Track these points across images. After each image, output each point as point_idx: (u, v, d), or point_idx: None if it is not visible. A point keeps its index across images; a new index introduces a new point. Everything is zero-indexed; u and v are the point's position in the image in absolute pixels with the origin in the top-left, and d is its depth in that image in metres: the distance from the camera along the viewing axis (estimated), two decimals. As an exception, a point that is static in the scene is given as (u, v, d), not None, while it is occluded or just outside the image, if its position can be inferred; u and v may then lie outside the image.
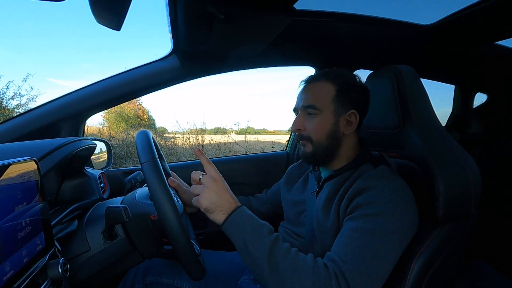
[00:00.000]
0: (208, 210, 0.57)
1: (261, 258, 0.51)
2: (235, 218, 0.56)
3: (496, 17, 0.83)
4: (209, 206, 0.56)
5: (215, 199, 0.57)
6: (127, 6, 0.52)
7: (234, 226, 0.55)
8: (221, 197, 0.57)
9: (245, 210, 0.58)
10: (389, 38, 1.02)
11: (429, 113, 0.71)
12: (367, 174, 0.61)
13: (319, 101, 0.65)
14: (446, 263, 0.63)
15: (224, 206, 0.57)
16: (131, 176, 0.93)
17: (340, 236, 0.56)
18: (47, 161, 0.57)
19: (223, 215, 0.56)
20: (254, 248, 0.52)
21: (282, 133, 8.70)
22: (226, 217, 0.56)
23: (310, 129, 0.67)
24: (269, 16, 0.64)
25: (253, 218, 0.57)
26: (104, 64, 26.90)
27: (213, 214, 0.57)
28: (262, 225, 0.56)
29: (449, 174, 0.60)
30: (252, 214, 0.58)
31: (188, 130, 5.50)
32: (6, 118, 1.72)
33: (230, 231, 0.56)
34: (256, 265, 0.52)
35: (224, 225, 0.56)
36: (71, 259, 0.60)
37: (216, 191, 0.57)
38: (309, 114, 0.67)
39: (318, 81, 0.68)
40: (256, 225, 0.56)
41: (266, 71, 28.24)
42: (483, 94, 1.65)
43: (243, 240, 0.54)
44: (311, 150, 0.67)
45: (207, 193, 0.57)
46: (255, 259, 0.52)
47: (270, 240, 0.53)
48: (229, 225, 0.55)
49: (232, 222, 0.55)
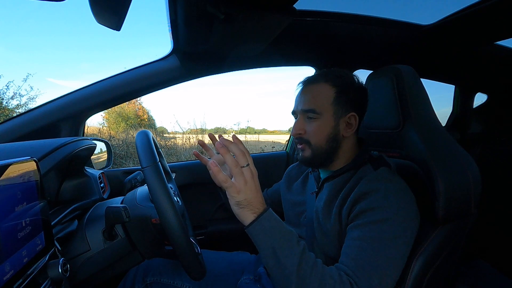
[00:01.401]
0: (239, 204, 0.51)
1: (291, 268, 0.49)
2: (265, 222, 0.51)
3: (496, 17, 0.83)
4: (242, 202, 0.51)
5: (249, 196, 0.51)
6: (127, 6, 0.52)
7: (263, 229, 0.51)
8: (256, 195, 0.52)
9: (273, 214, 0.54)
10: (389, 38, 1.02)
11: (429, 113, 0.70)
12: (368, 176, 0.61)
13: (318, 104, 0.64)
14: (446, 263, 0.63)
15: (256, 205, 0.52)
16: (131, 176, 0.93)
17: (348, 246, 0.55)
18: (47, 161, 0.57)
19: (252, 215, 0.51)
20: (284, 256, 0.50)
21: (282, 133, 8.72)
22: (255, 218, 0.51)
23: (310, 133, 0.66)
24: (269, 16, 0.64)
25: (282, 223, 0.53)
26: (103, 64, 26.91)
27: (242, 210, 0.51)
28: (291, 233, 0.53)
29: (449, 174, 0.60)
30: (279, 218, 0.54)
31: (188, 130, 5.50)
32: (6, 118, 1.72)
33: (257, 234, 0.51)
34: (284, 275, 0.49)
35: (251, 226, 0.51)
36: (71, 259, 0.60)
37: (253, 188, 0.51)
38: (309, 118, 0.66)
39: (317, 83, 0.67)
40: (286, 232, 0.52)
41: (266, 71, 28.25)
42: (483, 94, 1.65)
43: (272, 246, 0.50)
44: (310, 155, 0.66)
45: (246, 186, 0.50)
46: (283, 268, 0.49)
47: (300, 250, 0.51)
48: (258, 228, 0.51)
49: (261, 225, 0.51)
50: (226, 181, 0.50)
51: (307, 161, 0.68)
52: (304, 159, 0.68)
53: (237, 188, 0.50)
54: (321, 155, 0.66)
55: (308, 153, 0.67)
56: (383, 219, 0.54)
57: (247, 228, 0.52)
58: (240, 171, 0.51)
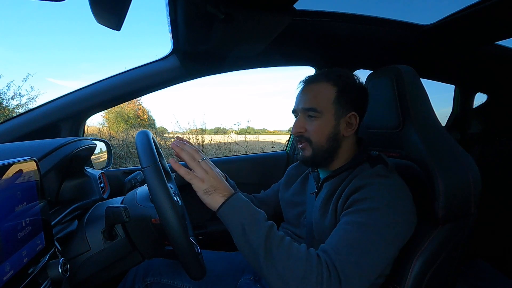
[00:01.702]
0: (207, 191, 0.56)
1: (257, 242, 0.51)
2: (233, 202, 0.55)
3: (496, 17, 0.83)
4: (208, 188, 0.56)
5: (214, 182, 0.56)
6: (127, 6, 0.52)
7: (232, 209, 0.55)
8: (220, 182, 0.57)
9: (242, 196, 0.58)
10: (389, 38, 1.02)
11: (429, 113, 0.71)
12: (364, 173, 0.61)
13: (320, 103, 0.64)
14: (446, 263, 0.63)
15: (223, 190, 0.57)
16: (131, 176, 0.93)
17: (335, 230, 0.57)
18: (47, 161, 0.57)
19: (221, 198, 0.56)
20: (252, 232, 0.52)
21: (282, 133, 8.71)
22: (224, 200, 0.55)
23: (310, 132, 0.66)
24: (269, 16, 0.64)
25: (249, 203, 0.57)
26: (103, 64, 26.91)
27: (211, 196, 0.56)
28: (258, 212, 0.56)
29: (449, 174, 0.60)
30: (248, 200, 0.58)
31: (188, 130, 5.50)
32: (6, 118, 1.72)
33: (227, 215, 0.55)
34: (252, 250, 0.52)
35: (221, 208, 0.55)
36: (71, 259, 0.60)
37: (215, 176, 0.57)
38: (310, 116, 0.66)
39: (318, 82, 0.67)
40: (253, 210, 0.56)
41: (266, 71, 28.28)
42: (483, 94, 1.65)
43: (241, 224, 0.53)
44: (311, 154, 0.67)
45: (208, 175, 0.56)
46: (251, 244, 0.52)
47: (266, 226, 0.53)
48: (227, 208, 0.55)
49: (230, 206, 0.55)
50: (188, 174, 0.56)
51: (307, 161, 0.68)
52: (304, 158, 0.68)
53: (200, 177, 0.56)
54: (322, 154, 0.66)
55: (308, 152, 0.67)
56: (373, 207, 0.54)
57: (218, 211, 0.56)
58: (198, 163, 0.57)
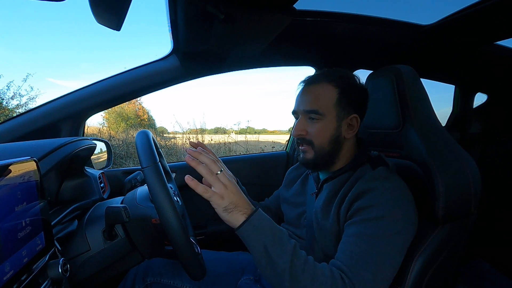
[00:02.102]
0: (226, 209, 0.51)
1: (283, 265, 0.49)
2: (255, 221, 0.52)
3: (496, 17, 0.83)
4: (229, 206, 0.51)
5: (234, 199, 0.52)
6: (127, 6, 0.52)
7: (254, 229, 0.51)
8: (240, 197, 0.53)
9: (263, 213, 0.54)
10: (389, 38, 1.02)
11: (429, 113, 0.70)
12: (366, 176, 0.61)
13: (321, 105, 0.63)
14: (446, 263, 0.63)
15: (243, 206, 0.53)
16: (131, 176, 0.93)
17: (344, 242, 0.56)
18: (47, 161, 0.57)
19: (242, 216, 0.52)
20: (276, 254, 0.50)
21: (282, 133, 8.71)
22: (246, 219, 0.52)
23: (312, 134, 0.65)
24: (269, 16, 0.64)
25: (272, 222, 0.54)
26: (103, 64, 26.92)
27: (231, 214, 0.52)
28: (281, 230, 0.53)
29: (449, 174, 0.60)
30: (269, 217, 0.55)
31: (188, 130, 5.50)
32: (6, 118, 1.72)
33: (248, 234, 0.51)
34: (277, 273, 0.49)
35: (242, 227, 0.51)
36: (71, 259, 0.60)
37: (235, 191, 0.53)
38: (311, 118, 0.65)
39: (319, 83, 0.65)
40: (276, 229, 0.53)
41: (266, 71, 28.29)
42: (483, 94, 1.65)
43: (264, 244, 0.50)
44: (313, 156, 0.66)
45: (228, 190, 0.52)
46: (275, 266, 0.49)
47: (291, 247, 0.51)
48: (249, 227, 0.51)
49: (252, 225, 0.51)
50: (207, 191, 0.51)
51: (309, 163, 0.67)
52: (306, 161, 0.67)
53: (219, 194, 0.51)
54: (324, 156, 0.65)
55: (310, 155, 0.66)
56: (379, 216, 0.54)
57: (238, 229, 0.52)
58: (216, 178, 0.52)
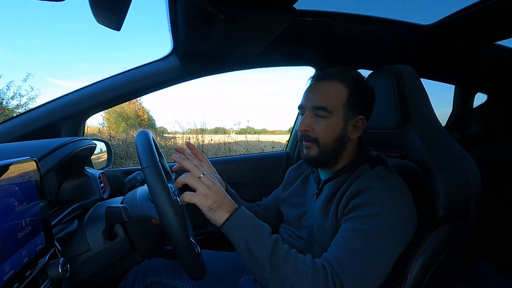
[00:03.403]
0: (211, 208, 0.56)
1: (263, 258, 0.52)
2: (237, 218, 0.56)
3: (496, 17, 0.83)
4: (212, 205, 0.56)
5: (217, 198, 0.56)
6: (127, 6, 0.52)
7: (236, 225, 0.55)
8: (223, 197, 0.57)
9: (245, 211, 0.58)
10: (389, 38, 1.02)
11: (429, 113, 0.70)
12: (364, 175, 0.61)
13: (331, 103, 0.62)
14: (446, 263, 0.63)
15: (226, 205, 0.57)
16: (131, 176, 0.93)
17: (337, 237, 0.57)
18: (47, 161, 0.57)
19: (225, 214, 0.56)
20: (256, 248, 0.53)
21: (282, 133, 8.70)
22: (228, 216, 0.55)
23: (318, 131, 0.64)
24: (269, 16, 0.64)
25: (253, 218, 0.57)
26: (103, 64, 26.94)
27: (215, 212, 0.56)
28: (262, 226, 0.56)
29: (449, 174, 0.60)
30: (252, 214, 0.58)
31: (188, 130, 5.50)
32: (6, 118, 1.72)
33: (231, 231, 0.55)
34: (258, 266, 0.52)
35: (225, 224, 0.55)
36: (71, 259, 0.60)
37: (218, 191, 0.57)
38: (318, 115, 0.64)
39: (331, 81, 0.64)
40: (257, 225, 0.56)
41: (266, 71, 28.30)
42: (483, 94, 1.65)
43: (245, 240, 0.53)
44: (317, 153, 0.65)
45: (211, 191, 0.56)
46: (256, 260, 0.52)
47: (271, 241, 0.53)
48: (231, 224, 0.55)
49: (234, 222, 0.55)
50: (193, 196, 0.56)
51: (312, 160, 0.67)
52: (309, 157, 0.67)
53: (203, 194, 0.56)
54: (327, 155, 0.65)
55: (314, 152, 0.65)
56: (375, 213, 0.54)
57: (222, 227, 0.56)
58: (199, 180, 0.57)
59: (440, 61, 1.25)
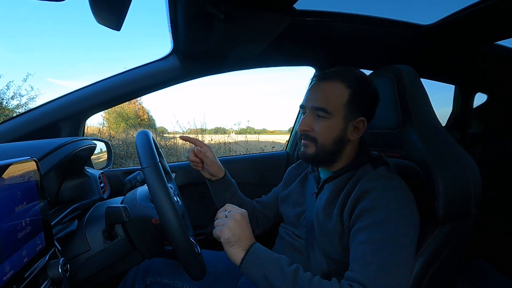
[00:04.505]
0: (229, 242, 0.55)
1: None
2: (253, 255, 0.55)
3: (496, 17, 0.83)
4: (231, 239, 0.55)
5: (237, 232, 0.56)
6: (127, 6, 0.52)
7: (253, 262, 0.54)
8: (244, 231, 0.57)
9: (260, 246, 0.57)
10: (389, 38, 1.02)
11: (429, 113, 0.71)
12: (367, 176, 0.61)
13: (331, 104, 0.62)
14: (446, 263, 0.63)
15: (244, 241, 0.56)
16: (131, 176, 0.93)
17: (356, 252, 0.55)
18: (47, 161, 0.57)
19: (242, 251, 0.55)
20: (276, 280, 0.51)
21: (282, 133, 8.69)
22: (245, 254, 0.55)
23: (317, 131, 0.64)
24: (269, 16, 0.64)
25: (269, 251, 0.57)
26: (104, 64, 26.95)
27: (232, 248, 0.55)
28: (279, 258, 0.55)
29: (449, 174, 0.60)
30: (266, 248, 0.57)
31: (188, 130, 5.50)
32: (6, 118, 1.72)
33: (250, 269, 0.54)
34: None
35: (243, 263, 0.55)
36: (71, 259, 0.60)
37: (240, 225, 0.57)
38: (318, 116, 0.64)
39: (332, 81, 0.64)
40: (274, 258, 0.55)
41: (266, 71, 28.28)
42: (483, 94, 1.65)
43: (264, 275, 0.52)
44: (314, 152, 0.65)
45: (232, 224, 0.56)
46: None
47: (291, 270, 0.52)
48: (248, 262, 0.54)
49: (251, 259, 0.54)
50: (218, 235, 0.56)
51: (309, 158, 0.67)
52: (306, 155, 0.67)
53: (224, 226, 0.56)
54: (325, 155, 0.65)
55: (312, 150, 0.66)
56: (384, 218, 0.54)
57: (241, 267, 0.55)
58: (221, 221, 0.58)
59: (440, 61, 1.25)
